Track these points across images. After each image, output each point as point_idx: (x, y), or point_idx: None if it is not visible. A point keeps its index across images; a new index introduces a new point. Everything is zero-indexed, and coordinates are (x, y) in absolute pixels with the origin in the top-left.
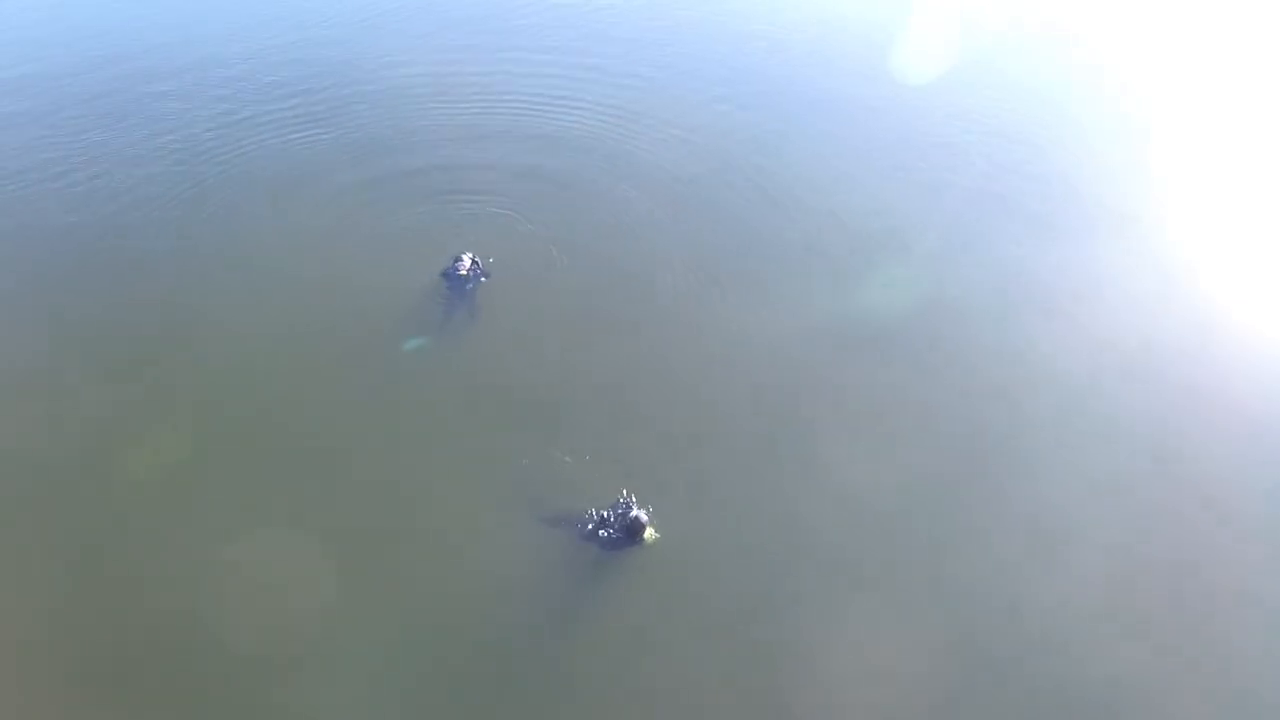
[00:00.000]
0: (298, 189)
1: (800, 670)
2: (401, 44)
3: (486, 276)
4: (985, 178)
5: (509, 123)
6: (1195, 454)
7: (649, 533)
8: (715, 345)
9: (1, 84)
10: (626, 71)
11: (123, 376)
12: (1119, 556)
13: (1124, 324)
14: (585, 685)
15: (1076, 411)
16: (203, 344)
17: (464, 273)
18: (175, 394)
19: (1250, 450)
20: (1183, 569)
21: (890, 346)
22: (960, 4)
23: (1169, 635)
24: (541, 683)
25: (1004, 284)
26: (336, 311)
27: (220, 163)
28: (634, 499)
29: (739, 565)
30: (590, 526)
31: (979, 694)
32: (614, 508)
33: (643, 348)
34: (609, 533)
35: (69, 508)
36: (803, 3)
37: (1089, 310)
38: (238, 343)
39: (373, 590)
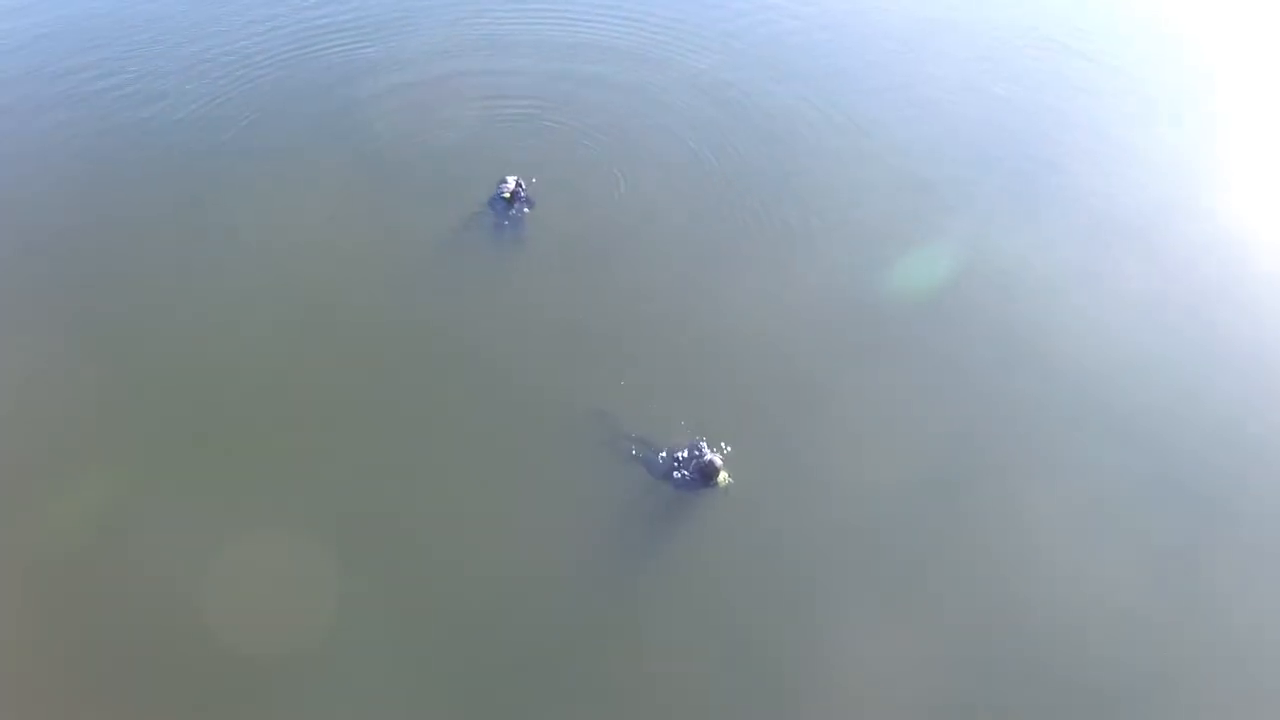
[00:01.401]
0: (341, 98)
1: (851, 625)
2: None
3: (530, 205)
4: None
5: (571, 36)
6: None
7: (722, 477)
8: (782, 288)
9: None
10: None
11: (144, 288)
12: (1136, 554)
13: (1160, 314)
14: (652, 624)
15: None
16: (230, 263)
17: (508, 196)
18: (194, 310)
19: (1268, 452)
20: (1197, 570)
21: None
22: None
23: (1181, 638)
24: (609, 619)
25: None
26: (374, 234)
27: (263, 68)
28: (709, 443)
29: (807, 516)
30: (665, 467)
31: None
32: (689, 449)
33: (703, 283)
34: (683, 474)
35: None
36: None
37: (1125, 296)
38: (266, 263)
39: (437, 521)
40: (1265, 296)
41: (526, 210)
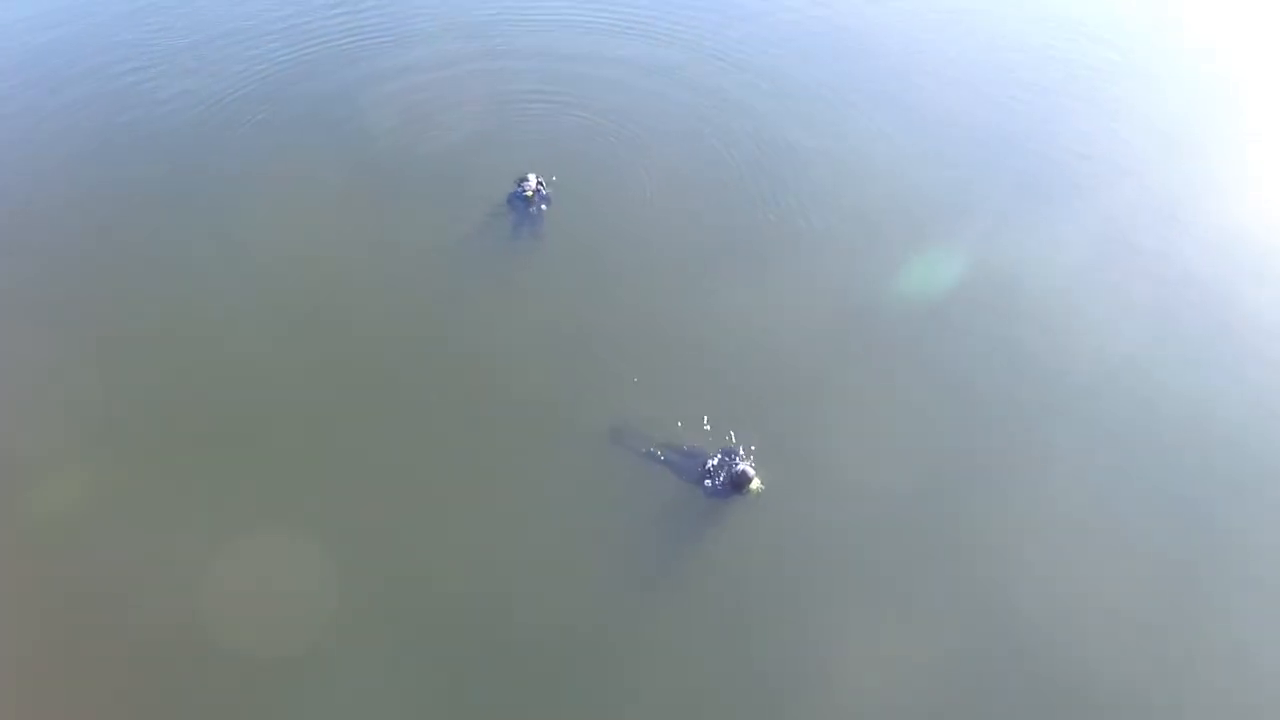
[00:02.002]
0: (359, 90)
1: (880, 633)
2: None
3: (547, 204)
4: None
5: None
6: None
7: (754, 484)
8: (807, 290)
9: None
10: None
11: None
12: (1137, 557)
13: (1176, 312)
14: (680, 629)
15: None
16: (242, 260)
17: (529, 194)
18: (204, 308)
19: (1269, 461)
20: (1197, 577)
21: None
22: None
23: (1184, 638)
24: (636, 625)
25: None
26: (390, 233)
27: (285, 57)
28: (740, 450)
29: (837, 523)
30: (696, 473)
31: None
32: (721, 456)
33: (728, 284)
34: (715, 482)
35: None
36: None
37: (1139, 295)
38: (280, 259)
39: (459, 527)
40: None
41: (544, 208)
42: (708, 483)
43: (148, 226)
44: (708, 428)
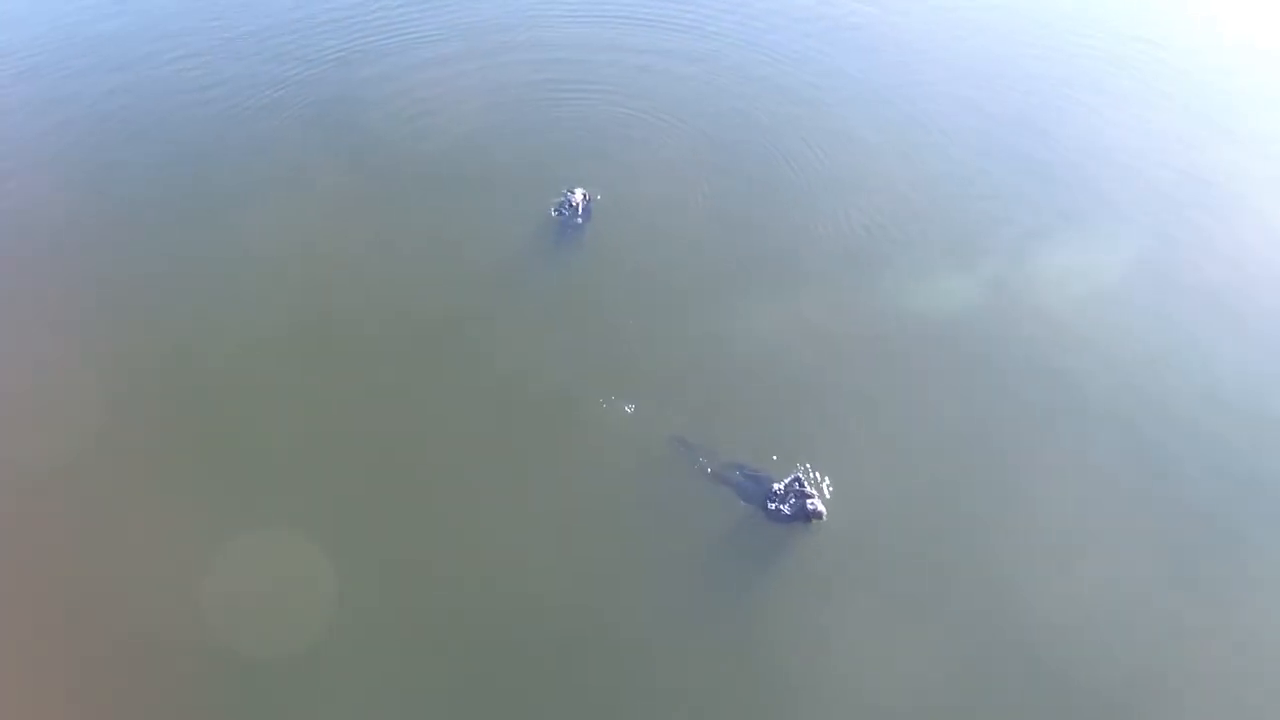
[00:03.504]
0: (409, 94)
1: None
2: None
3: (588, 218)
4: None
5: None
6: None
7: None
8: (852, 306)
9: None
10: None
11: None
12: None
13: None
14: (727, 644)
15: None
16: (275, 261)
17: (575, 206)
18: (223, 309)
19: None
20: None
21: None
22: None
23: (1187, 642)
24: (687, 637)
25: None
26: (430, 241)
27: (326, 57)
28: (810, 482)
29: (900, 555)
30: (759, 495)
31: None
32: (789, 483)
33: (781, 297)
34: (779, 507)
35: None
36: None
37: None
38: (315, 266)
39: (514, 532)
40: None
41: (579, 221)
42: (771, 505)
43: (161, 226)
44: (747, 436)
